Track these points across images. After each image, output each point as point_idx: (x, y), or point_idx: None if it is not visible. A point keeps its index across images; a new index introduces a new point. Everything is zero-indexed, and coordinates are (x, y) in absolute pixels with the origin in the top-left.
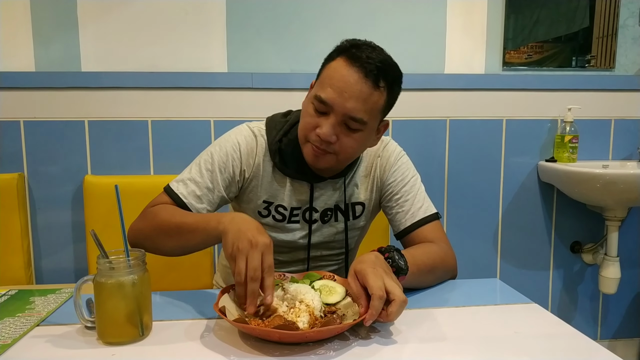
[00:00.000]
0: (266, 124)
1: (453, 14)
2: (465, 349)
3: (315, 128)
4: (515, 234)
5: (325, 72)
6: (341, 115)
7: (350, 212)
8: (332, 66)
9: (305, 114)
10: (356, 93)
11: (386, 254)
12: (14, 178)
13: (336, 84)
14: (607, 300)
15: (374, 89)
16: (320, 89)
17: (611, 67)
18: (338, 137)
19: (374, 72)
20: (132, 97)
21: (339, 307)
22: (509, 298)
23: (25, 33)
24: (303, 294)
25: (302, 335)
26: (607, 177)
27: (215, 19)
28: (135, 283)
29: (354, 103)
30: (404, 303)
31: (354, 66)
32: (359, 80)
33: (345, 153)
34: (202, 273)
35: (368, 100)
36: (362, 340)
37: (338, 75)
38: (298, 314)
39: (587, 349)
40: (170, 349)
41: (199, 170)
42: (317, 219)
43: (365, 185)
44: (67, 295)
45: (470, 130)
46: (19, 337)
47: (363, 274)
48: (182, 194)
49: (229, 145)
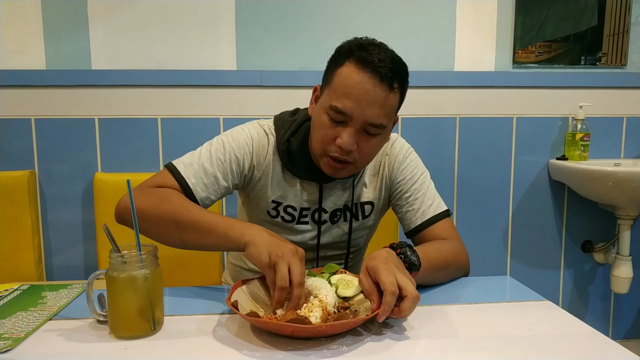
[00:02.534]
0: (274, 123)
1: (463, 12)
2: (479, 346)
3: (334, 139)
4: (526, 232)
5: (336, 80)
6: (360, 123)
7: (360, 211)
8: (343, 73)
9: (320, 125)
10: (374, 99)
11: (398, 249)
12: (25, 175)
13: (352, 92)
14: (619, 300)
15: (389, 91)
16: (335, 99)
17: (623, 64)
18: (358, 144)
19: (389, 75)
20: (142, 94)
21: (352, 302)
22: (521, 295)
23: (36, 31)
24: (318, 289)
25: (315, 329)
26: (619, 175)
27: (224, 17)
28: (147, 277)
29: (373, 109)
30: (417, 299)
31: (367, 71)
32: (375, 85)
33: (364, 159)
34: (211, 270)
35: (385, 105)
36: (375, 335)
37: (352, 82)
38: (311, 309)
39: (604, 347)
40: (182, 343)
41: (209, 158)
42: (326, 220)
43: (374, 184)
44: (78, 290)
45: (480, 128)
46: (32, 330)
47: (375, 270)
48: (189, 178)
49: (242, 138)
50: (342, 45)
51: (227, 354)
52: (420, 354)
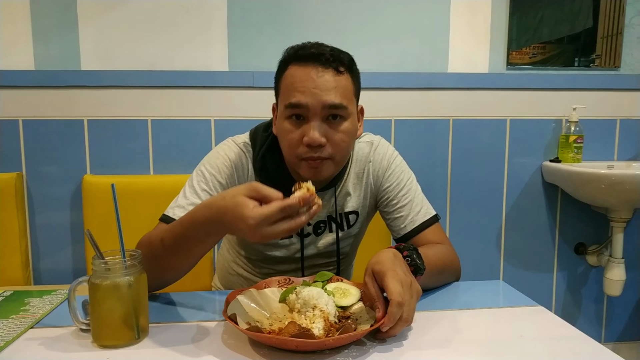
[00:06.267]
0: (250, 138)
1: (456, 13)
2: (471, 352)
3: (301, 140)
4: (519, 235)
5: (282, 85)
6: (320, 111)
7: (344, 221)
8: (288, 75)
9: (284, 132)
10: (325, 84)
11: (405, 252)
12: (13, 177)
13: (301, 84)
14: (612, 303)
15: (337, 74)
16: (287, 98)
17: (616, 66)
18: (327, 137)
19: (330, 59)
20: (132, 95)
21: (352, 311)
22: (514, 300)
23: (24, 31)
24: (316, 299)
25: (322, 343)
26: (613, 178)
27: (216, 17)
28: (131, 284)
29: (326, 92)
30: (408, 324)
31: (308, 64)
32: (320, 72)
33: (340, 151)
34: (202, 274)
35: (338, 87)
36: (379, 345)
37: (298, 78)
38: (312, 320)
39: (594, 352)
40: (166, 353)
41: (194, 193)
42: (310, 232)
43: (357, 193)
44: (63, 296)
45: (473, 130)
46: (12, 339)
47: (381, 276)
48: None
49: (219, 162)
50: (282, 56)
51: None
52: None
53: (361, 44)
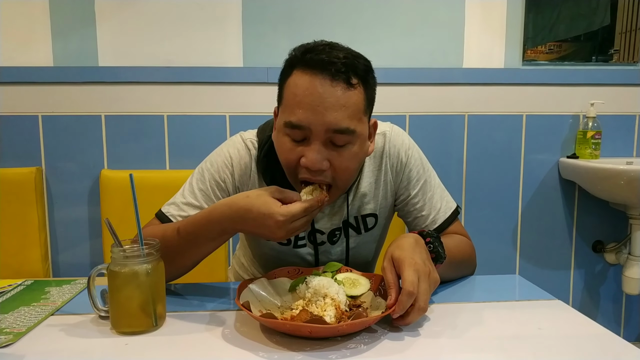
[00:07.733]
0: (257, 135)
1: (472, 8)
2: (490, 345)
3: (299, 160)
4: (535, 232)
5: (286, 94)
6: (323, 134)
7: (362, 225)
8: (291, 83)
9: (282, 149)
10: (332, 102)
11: (427, 238)
12: (32, 172)
13: (304, 100)
14: (631, 301)
15: (347, 89)
16: (288, 114)
17: (635, 61)
18: (330, 160)
19: (342, 70)
20: (148, 91)
21: (363, 300)
22: (530, 294)
23: (43, 28)
24: (327, 288)
25: (335, 329)
26: (632, 174)
27: (231, 14)
28: (149, 272)
29: (332, 113)
30: (423, 311)
31: (316, 73)
32: (328, 86)
33: (343, 178)
34: (217, 266)
35: (347, 105)
36: (390, 332)
37: (302, 90)
38: (324, 308)
39: (617, 348)
40: (183, 339)
41: (191, 192)
42: (324, 241)
43: (375, 192)
44: (82, 286)
45: (489, 125)
46: (34, 325)
47: (399, 263)
48: (174, 217)
49: (220, 160)
50: (289, 54)
51: (239, 355)
52: (439, 352)
53: (376, 40)
